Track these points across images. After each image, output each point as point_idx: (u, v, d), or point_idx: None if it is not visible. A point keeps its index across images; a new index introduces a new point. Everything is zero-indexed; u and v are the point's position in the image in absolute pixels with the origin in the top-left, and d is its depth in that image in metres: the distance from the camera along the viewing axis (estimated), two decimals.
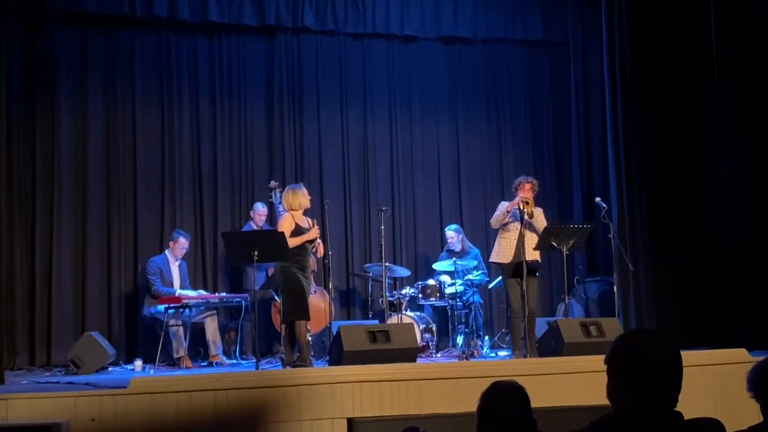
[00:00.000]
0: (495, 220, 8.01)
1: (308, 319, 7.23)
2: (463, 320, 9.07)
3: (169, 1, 9.41)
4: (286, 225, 7.24)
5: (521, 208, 7.74)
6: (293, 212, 7.34)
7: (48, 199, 9.08)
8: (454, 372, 6.20)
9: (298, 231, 7.24)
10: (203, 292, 8.78)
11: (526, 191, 7.84)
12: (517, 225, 7.83)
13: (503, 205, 8.01)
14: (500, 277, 8.68)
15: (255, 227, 9.08)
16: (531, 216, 7.76)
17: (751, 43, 8.32)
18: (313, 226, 7.38)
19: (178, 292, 8.47)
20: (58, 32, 9.30)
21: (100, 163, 9.35)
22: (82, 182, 9.25)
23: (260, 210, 9.19)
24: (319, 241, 7.43)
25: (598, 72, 9.82)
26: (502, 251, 7.94)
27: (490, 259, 8.25)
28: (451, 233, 9.50)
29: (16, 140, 8.89)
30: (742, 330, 8.07)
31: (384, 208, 8.44)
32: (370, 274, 9.34)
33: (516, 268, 7.76)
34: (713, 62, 8.49)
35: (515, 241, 7.83)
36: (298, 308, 7.13)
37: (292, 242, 7.12)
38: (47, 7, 9.12)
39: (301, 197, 7.38)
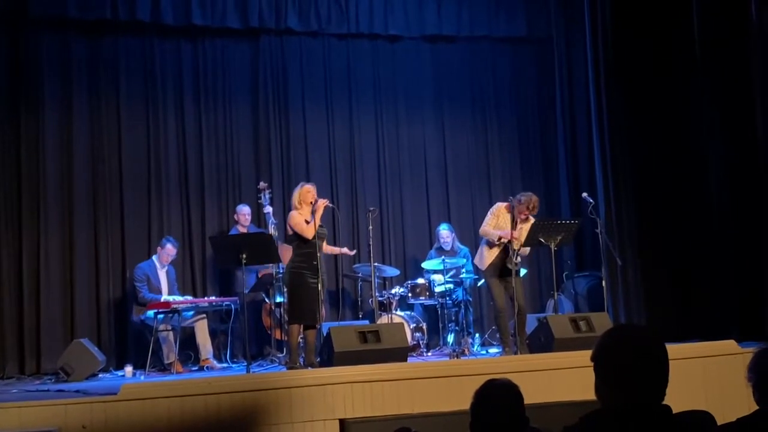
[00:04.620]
0: (483, 234, 7.96)
1: (302, 323, 7.20)
2: (454, 318, 9.08)
3: (152, 6, 9.37)
4: (297, 219, 7.23)
5: (514, 247, 7.72)
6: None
7: (34, 206, 9.03)
8: (445, 370, 6.21)
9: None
10: (189, 298, 8.76)
11: (521, 213, 7.76)
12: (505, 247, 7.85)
13: (498, 209, 7.96)
14: None
15: (242, 229, 9.07)
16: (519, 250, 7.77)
17: (734, 35, 8.36)
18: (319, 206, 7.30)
19: (164, 298, 8.45)
20: (41, 38, 9.24)
21: (86, 169, 9.30)
22: (68, 188, 9.20)
23: (243, 210, 9.17)
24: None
25: (582, 68, 9.86)
26: (484, 259, 7.93)
27: (474, 261, 8.26)
28: (446, 232, 9.50)
29: (1, 147, 8.89)
30: (731, 322, 8.11)
31: (372, 209, 8.41)
32: (360, 275, 9.34)
33: (495, 269, 7.79)
34: (696, 55, 8.54)
35: (498, 252, 7.84)
36: (295, 312, 7.17)
37: (311, 229, 7.15)
38: (29, 14, 9.06)
39: (295, 196, 7.39)
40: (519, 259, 7.81)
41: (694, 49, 8.56)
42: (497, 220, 7.88)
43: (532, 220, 7.87)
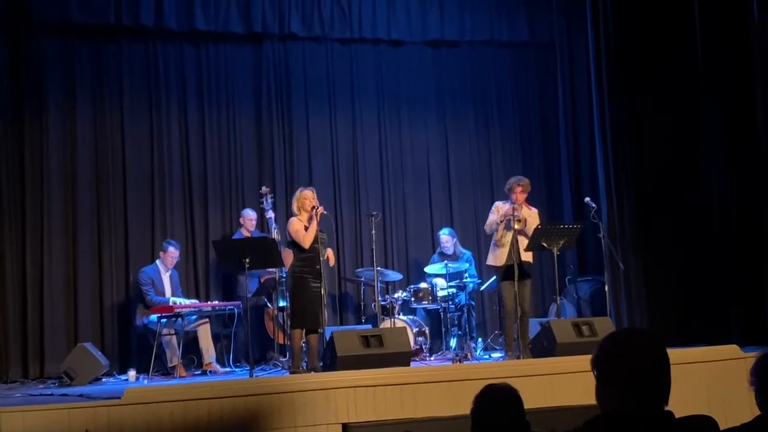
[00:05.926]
0: (488, 228, 8.04)
1: (304, 327, 7.22)
2: (456, 323, 9.09)
3: (155, 11, 9.39)
4: (296, 226, 7.28)
5: (512, 224, 7.74)
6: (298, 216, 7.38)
7: (38, 210, 9.04)
8: (447, 375, 6.22)
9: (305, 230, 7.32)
10: (196, 301, 8.77)
11: (517, 195, 7.82)
12: (511, 232, 7.82)
13: (496, 207, 8.01)
14: (493, 278, 8.72)
15: (246, 233, 9.07)
16: (524, 224, 7.75)
17: (736, 38, 8.37)
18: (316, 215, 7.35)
19: (171, 300, 8.46)
20: (44, 43, 9.26)
21: (89, 173, 9.30)
22: (71, 193, 9.21)
23: (250, 215, 9.19)
24: (328, 253, 7.44)
25: (584, 72, 9.86)
26: (496, 256, 7.95)
27: (487, 262, 8.27)
28: (446, 237, 9.50)
29: (4, 151, 8.92)
30: (733, 326, 8.11)
31: (374, 213, 8.44)
32: (362, 279, 9.35)
33: (508, 271, 7.77)
34: (698, 58, 8.54)
35: (508, 245, 7.83)
36: (297, 316, 7.21)
37: (308, 238, 7.19)
38: (33, 18, 9.08)
39: (294, 202, 7.42)
40: (519, 218, 7.76)
41: (696, 51, 8.56)
42: (497, 215, 7.94)
43: (533, 210, 7.90)
